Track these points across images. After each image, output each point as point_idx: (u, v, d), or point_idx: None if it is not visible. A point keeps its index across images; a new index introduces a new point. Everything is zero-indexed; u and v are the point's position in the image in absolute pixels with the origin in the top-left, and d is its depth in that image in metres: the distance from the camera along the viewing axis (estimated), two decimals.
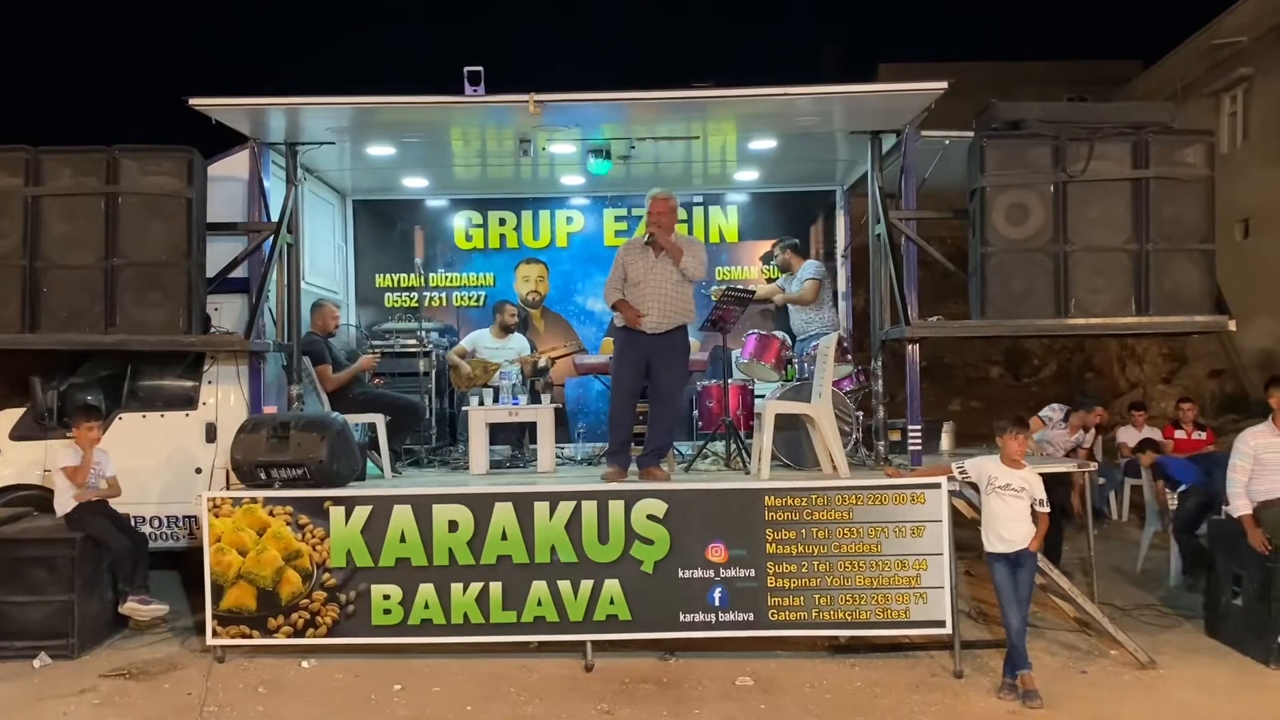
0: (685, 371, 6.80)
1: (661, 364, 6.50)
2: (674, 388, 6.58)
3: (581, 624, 5.94)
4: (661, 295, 6.47)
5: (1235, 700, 5.42)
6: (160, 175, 6.38)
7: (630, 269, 6.60)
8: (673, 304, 6.49)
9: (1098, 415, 8.60)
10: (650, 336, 6.49)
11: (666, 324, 6.48)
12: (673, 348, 6.53)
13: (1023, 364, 18.78)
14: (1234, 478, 6.09)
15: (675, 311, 6.51)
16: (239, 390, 7.18)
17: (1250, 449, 6.06)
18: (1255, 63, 16.47)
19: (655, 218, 6.57)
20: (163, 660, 6.15)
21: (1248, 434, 6.15)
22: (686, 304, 6.57)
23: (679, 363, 6.60)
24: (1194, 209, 6.22)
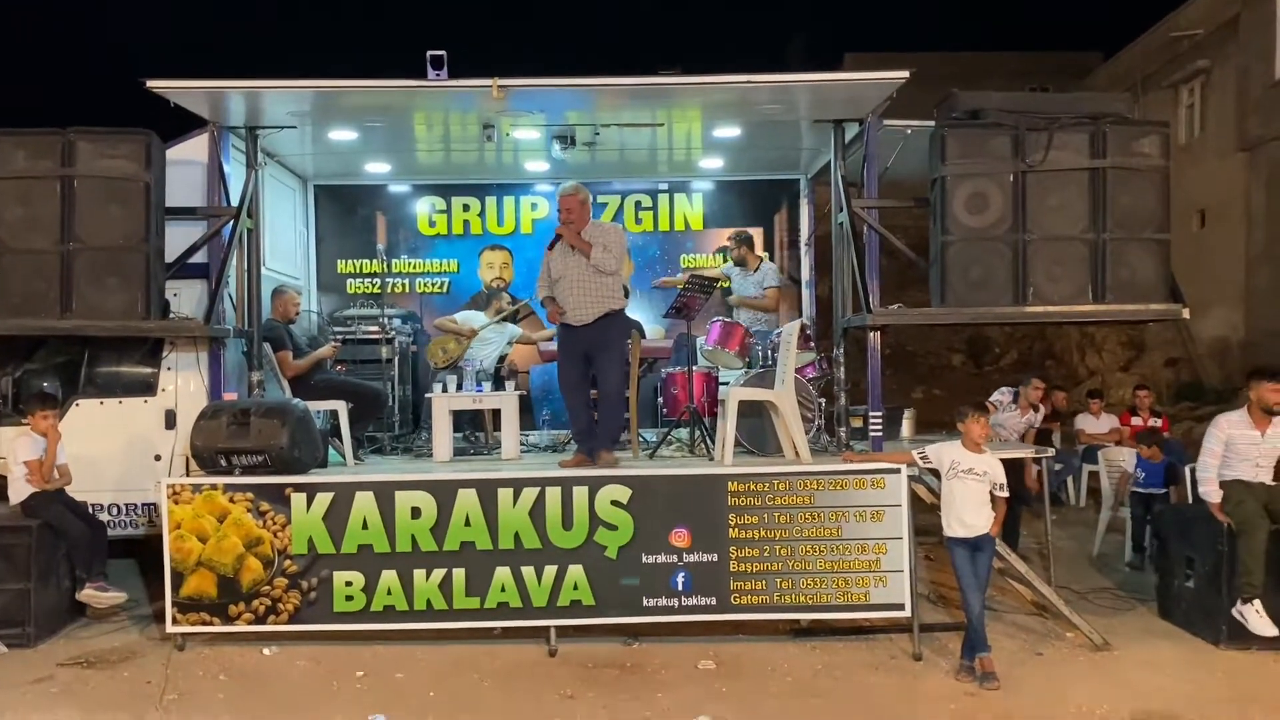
0: (622, 357, 6.81)
1: (596, 353, 6.56)
2: (612, 375, 6.61)
3: (545, 610, 5.95)
4: (578, 287, 6.50)
5: (1186, 680, 5.54)
6: (117, 158, 6.26)
7: (553, 265, 6.67)
8: (591, 295, 6.49)
9: (1036, 389, 8.70)
10: (581, 329, 6.53)
11: (590, 314, 6.50)
12: (604, 336, 6.56)
13: (985, 352, 19.01)
14: (1206, 462, 6.16)
15: (595, 301, 6.51)
16: (199, 376, 7.10)
17: (1224, 435, 6.13)
18: (1212, 55, 16.74)
19: (564, 215, 6.60)
20: (121, 649, 6.08)
21: (1222, 420, 6.23)
22: (608, 292, 6.55)
23: (613, 350, 6.64)
24: (1149, 199, 6.30)
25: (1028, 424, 8.53)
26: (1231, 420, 6.19)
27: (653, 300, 9.54)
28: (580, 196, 6.64)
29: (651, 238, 9.71)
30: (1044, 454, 7.30)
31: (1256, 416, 6.09)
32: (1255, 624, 5.81)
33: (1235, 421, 6.18)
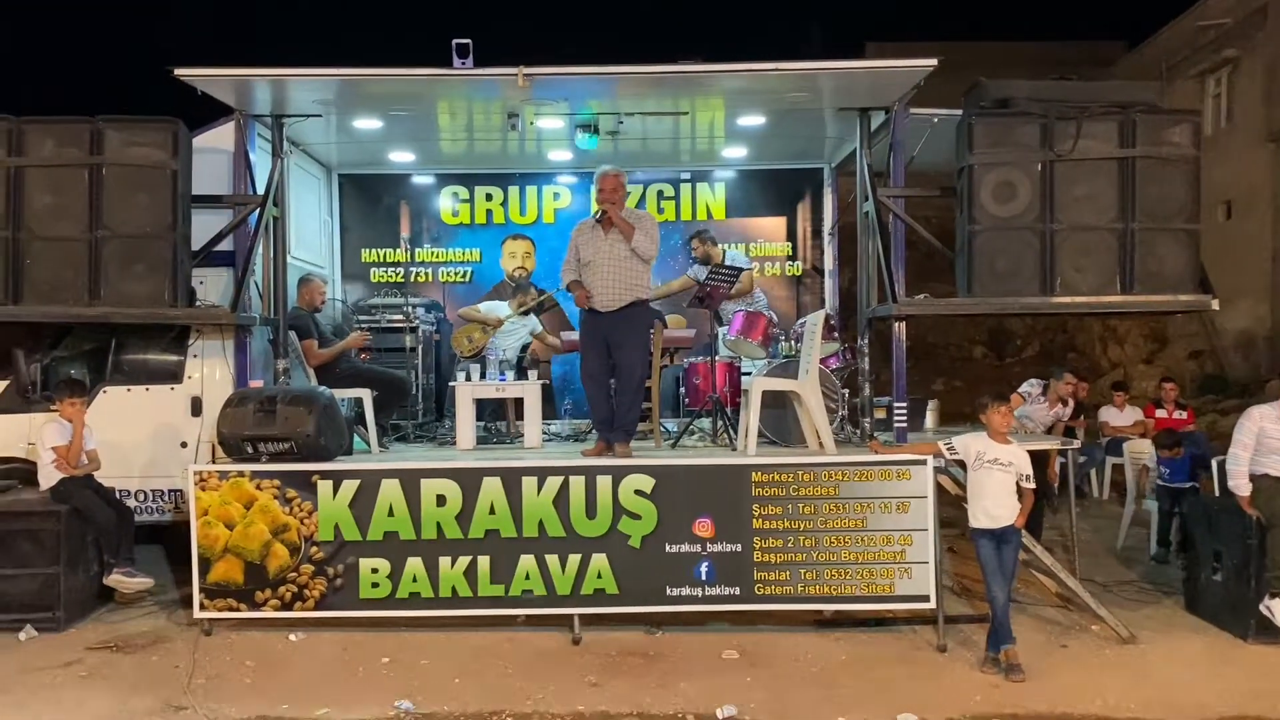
0: (645, 347, 6.77)
1: (619, 341, 6.52)
2: (632, 364, 6.56)
3: (569, 598, 5.97)
4: (611, 273, 6.47)
5: (1213, 674, 5.50)
6: (145, 146, 6.30)
7: (583, 249, 6.62)
8: (622, 281, 6.47)
9: (1067, 384, 8.62)
10: (605, 315, 6.50)
11: (618, 301, 6.47)
12: (628, 324, 6.53)
13: (1006, 344, 18.90)
14: (1237, 454, 6.08)
15: (626, 288, 6.48)
16: (225, 364, 7.15)
17: (1256, 427, 6.06)
18: (1239, 44, 16.54)
19: (607, 195, 6.53)
20: (149, 633, 6.14)
21: (1254, 412, 6.15)
22: (638, 280, 6.53)
23: (636, 339, 6.59)
24: (1179, 188, 6.24)
25: (1055, 418, 8.44)
26: (1264, 413, 6.13)
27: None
28: (622, 178, 6.61)
29: (674, 227, 9.67)
30: (1069, 446, 7.26)
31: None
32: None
33: (1267, 414, 6.11)
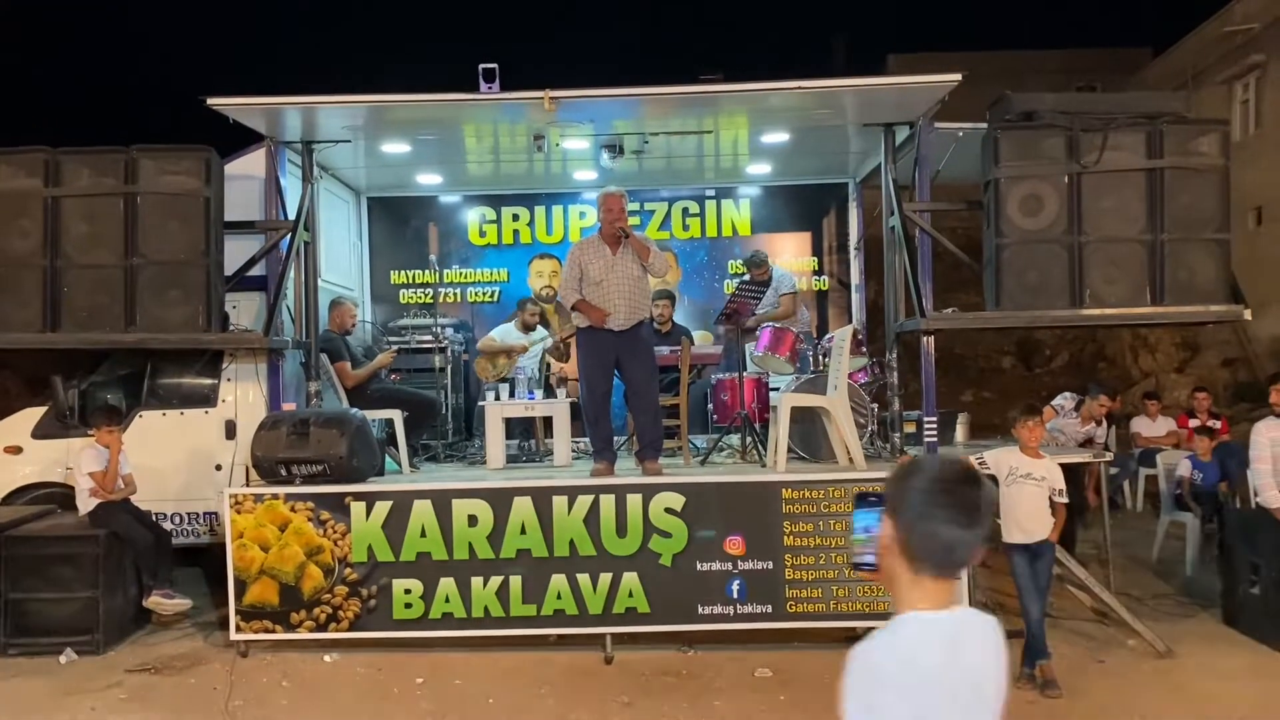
0: (654, 362, 6.82)
1: (630, 360, 6.53)
2: (647, 381, 6.61)
3: (601, 617, 5.99)
4: (626, 292, 6.49)
5: (1253, 688, 5.44)
6: (178, 174, 6.42)
7: (589, 268, 6.58)
8: (636, 300, 6.52)
9: (1101, 406, 8.53)
10: (616, 335, 6.51)
11: (632, 320, 6.50)
12: (639, 342, 6.57)
13: (1035, 354, 18.74)
14: (1260, 469, 6.08)
15: (638, 308, 6.54)
16: (258, 387, 7.23)
17: (1266, 441, 6.05)
18: (1267, 49, 16.39)
19: (616, 215, 6.53)
20: (187, 655, 6.21)
21: (1261, 426, 6.14)
22: (647, 299, 6.65)
23: (646, 356, 6.65)
24: (1209, 198, 6.21)
25: (1087, 435, 8.32)
26: (1270, 425, 6.10)
27: (701, 307, 9.54)
28: (624, 200, 6.66)
29: (699, 244, 9.72)
30: (1102, 458, 7.21)
31: None
32: None
33: (1274, 426, 6.08)
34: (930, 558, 1.87)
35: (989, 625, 1.94)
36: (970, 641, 1.89)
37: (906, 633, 1.88)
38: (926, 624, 1.86)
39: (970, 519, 1.88)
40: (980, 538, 1.90)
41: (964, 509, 1.87)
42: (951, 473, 1.91)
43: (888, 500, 1.96)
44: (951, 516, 1.86)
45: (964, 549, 1.88)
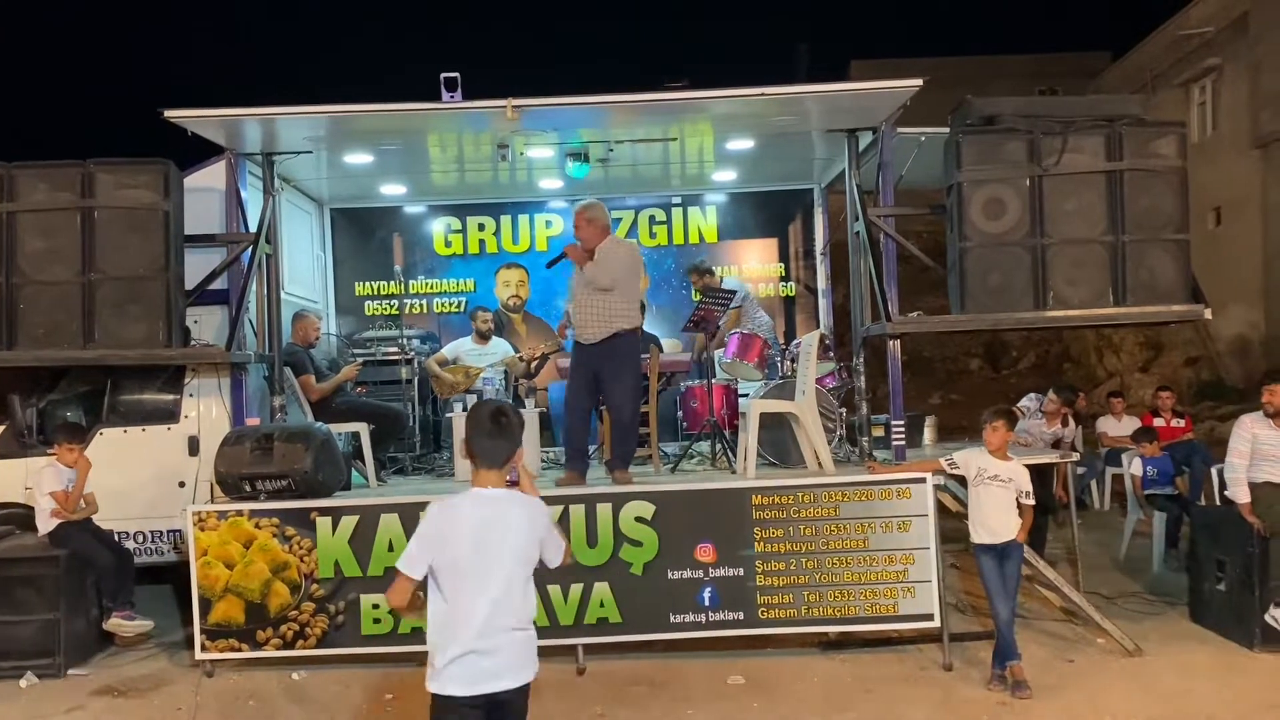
0: (633, 378, 6.62)
1: (604, 373, 6.47)
2: (621, 394, 6.49)
3: (572, 628, 5.95)
4: (586, 305, 6.45)
5: (1220, 684, 5.49)
6: (136, 188, 6.31)
7: (572, 283, 6.68)
8: (597, 313, 6.41)
9: (1050, 402, 8.49)
10: (590, 347, 6.48)
11: (598, 333, 6.42)
12: (614, 355, 6.44)
13: (1002, 356, 18.92)
14: (1234, 463, 6.13)
15: (601, 320, 6.41)
16: (221, 403, 7.14)
17: (1249, 434, 6.11)
18: (1223, 52, 16.69)
19: (576, 231, 6.62)
20: (151, 676, 6.11)
21: (1246, 419, 6.20)
22: (617, 311, 6.42)
23: (621, 369, 6.48)
24: (1168, 199, 6.27)
25: (1055, 436, 8.33)
26: (1256, 420, 6.15)
27: (669, 314, 9.54)
28: (587, 215, 6.60)
29: (666, 251, 9.72)
30: (1069, 458, 7.26)
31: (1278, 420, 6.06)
32: None
33: (1259, 421, 6.14)
34: (477, 456, 3.26)
35: (520, 500, 3.31)
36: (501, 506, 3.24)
37: (467, 499, 3.25)
38: (477, 495, 3.25)
39: (494, 434, 3.25)
40: (506, 447, 3.26)
41: (491, 429, 3.25)
42: (485, 410, 3.33)
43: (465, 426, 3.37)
44: (484, 433, 3.25)
45: (496, 452, 3.26)
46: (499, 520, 3.20)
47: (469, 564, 3.15)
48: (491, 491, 3.24)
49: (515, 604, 3.21)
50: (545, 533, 3.32)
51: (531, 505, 3.31)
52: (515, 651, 3.22)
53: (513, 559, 3.19)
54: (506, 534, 3.20)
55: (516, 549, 3.21)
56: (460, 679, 3.16)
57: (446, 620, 3.18)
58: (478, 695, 3.17)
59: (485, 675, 3.17)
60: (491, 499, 3.23)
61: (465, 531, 3.17)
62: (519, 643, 3.23)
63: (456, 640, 3.14)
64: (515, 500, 3.28)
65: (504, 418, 3.27)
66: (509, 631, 3.19)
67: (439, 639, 3.20)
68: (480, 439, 3.25)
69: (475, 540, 3.16)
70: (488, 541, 3.17)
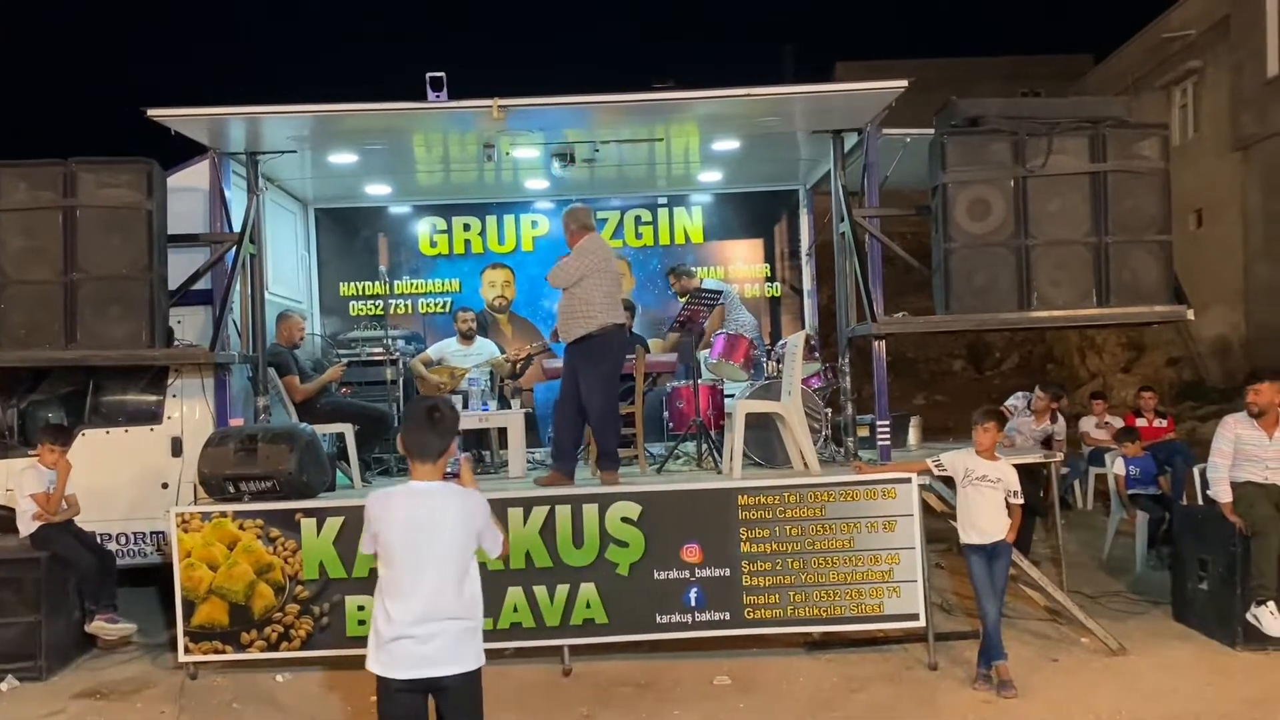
0: (602, 377, 6.51)
1: (579, 370, 6.49)
2: (589, 389, 6.46)
3: (558, 629, 5.94)
4: (562, 305, 6.52)
5: (1203, 683, 5.53)
6: (119, 188, 6.25)
7: None
8: (571, 313, 6.44)
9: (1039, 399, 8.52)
10: (569, 346, 6.53)
11: (568, 334, 6.47)
12: (582, 357, 6.46)
13: (985, 357, 19.01)
14: (1216, 462, 6.17)
15: (566, 321, 6.46)
16: (204, 403, 7.09)
17: (1232, 434, 6.13)
18: (1204, 55, 16.80)
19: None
20: (134, 679, 6.07)
21: (1230, 419, 6.22)
22: (579, 311, 6.39)
23: (590, 366, 6.45)
24: (1151, 201, 6.31)
25: (1044, 432, 8.34)
26: (1240, 420, 6.19)
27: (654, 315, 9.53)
28: (563, 219, 6.73)
29: (652, 252, 9.71)
30: (1052, 459, 7.29)
31: (1262, 420, 6.09)
32: (1269, 625, 5.79)
33: (1242, 421, 6.18)
34: (411, 450, 3.40)
35: (456, 492, 3.43)
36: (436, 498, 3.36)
37: (403, 490, 3.40)
38: (413, 488, 3.39)
39: (427, 429, 3.38)
40: (438, 442, 3.38)
41: (424, 424, 3.38)
42: (420, 406, 3.49)
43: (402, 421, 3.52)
44: (417, 428, 3.39)
45: (429, 446, 3.38)
46: (433, 512, 3.35)
47: (402, 554, 3.31)
48: (426, 485, 3.39)
49: (452, 594, 3.34)
50: (482, 524, 3.45)
51: (468, 497, 3.44)
52: (452, 640, 3.33)
53: (447, 550, 3.34)
54: (441, 526, 3.34)
55: (451, 540, 3.35)
56: (393, 662, 3.32)
57: (385, 605, 3.34)
58: (412, 679, 3.31)
59: (420, 661, 3.31)
60: (426, 492, 3.37)
61: (398, 523, 3.33)
62: (457, 632, 3.35)
63: (392, 624, 3.30)
64: (451, 493, 3.41)
65: (437, 413, 3.41)
66: (445, 620, 3.33)
67: (378, 621, 3.37)
68: (413, 434, 3.40)
69: (408, 531, 3.32)
70: (421, 533, 3.32)
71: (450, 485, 3.44)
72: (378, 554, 3.41)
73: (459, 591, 3.36)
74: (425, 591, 3.30)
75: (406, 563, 3.31)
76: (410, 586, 3.31)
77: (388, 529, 3.34)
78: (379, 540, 3.37)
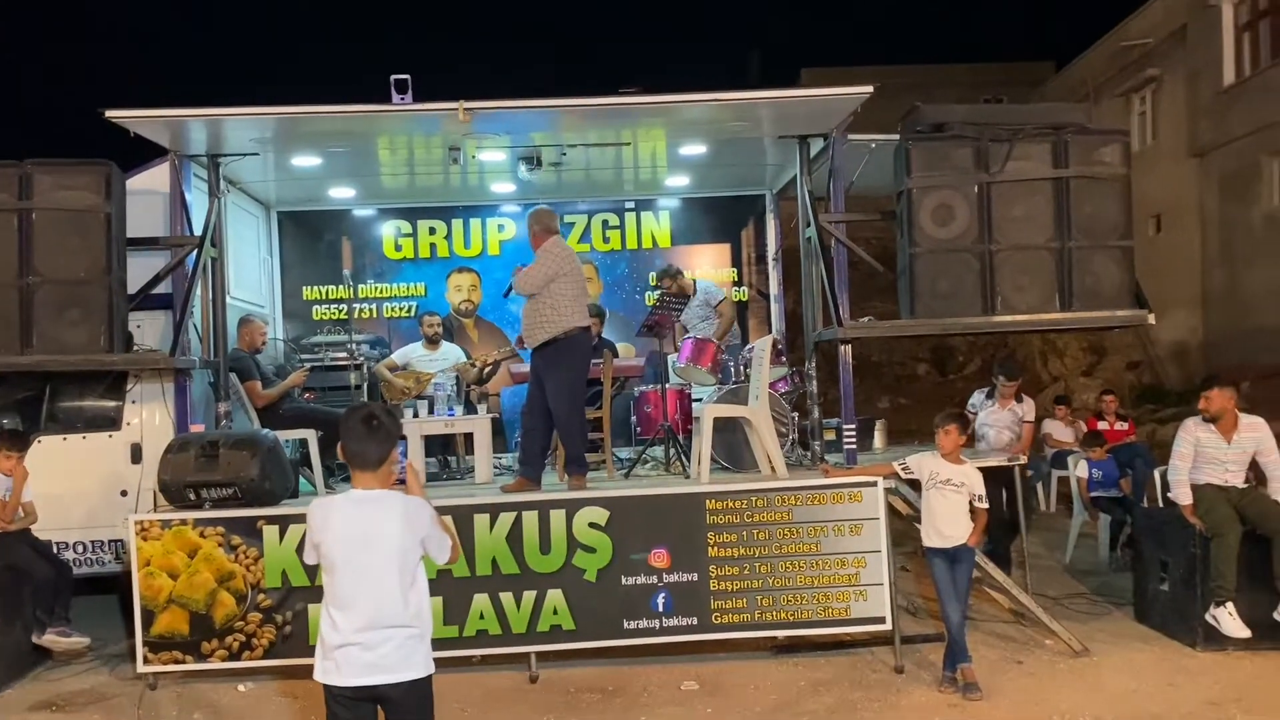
0: (566, 382, 6.47)
1: (544, 378, 6.48)
2: (554, 398, 6.43)
3: (525, 636, 5.89)
4: (527, 309, 6.50)
5: (1165, 684, 5.58)
6: (77, 190, 6.14)
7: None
8: (535, 318, 6.42)
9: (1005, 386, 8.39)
10: (534, 351, 6.51)
11: (533, 339, 6.45)
12: (546, 362, 6.44)
13: (949, 360, 19.17)
14: (1177, 465, 6.24)
15: (537, 325, 6.41)
16: (164, 409, 6.98)
17: (1192, 437, 6.21)
18: (1162, 63, 17.08)
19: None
20: (91, 691, 5.95)
21: (1190, 423, 6.30)
22: (546, 316, 6.37)
23: (555, 373, 6.42)
24: (1112, 207, 6.38)
25: (1013, 416, 8.03)
26: (1199, 424, 6.27)
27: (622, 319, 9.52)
28: (528, 220, 6.71)
29: (620, 256, 9.70)
30: (1016, 462, 7.35)
31: (1219, 424, 6.18)
32: (1228, 626, 5.87)
33: (1202, 425, 6.25)
34: (350, 459, 3.35)
35: (399, 499, 3.36)
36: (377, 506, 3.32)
37: (344, 499, 3.36)
38: (354, 496, 3.34)
39: (365, 437, 3.32)
40: (378, 450, 3.33)
41: (362, 432, 3.31)
42: (358, 414, 3.37)
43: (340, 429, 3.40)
44: (355, 436, 3.32)
45: (368, 454, 3.33)
46: (374, 520, 3.31)
47: (344, 563, 3.28)
48: (368, 492, 3.35)
49: (398, 603, 3.30)
50: (427, 531, 3.39)
51: (410, 505, 3.38)
52: (399, 647, 3.30)
53: (389, 558, 3.29)
54: (382, 534, 3.30)
55: (393, 548, 3.30)
56: (339, 670, 3.29)
57: (331, 614, 3.32)
58: (357, 686, 3.30)
59: (366, 668, 3.28)
60: (368, 499, 3.34)
61: (338, 532, 3.30)
62: (402, 640, 3.32)
63: (338, 632, 3.29)
64: (394, 500, 3.36)
65: (375, 420, 3.36)
66: (390, 628, 3.29)
67: (324, 630, 3.35)
68: (352, 442, 3.35)
69: (349, 539, 3.29)
70: (363, 540, 3.29)
71: (392, 493, 3.39)
72: (321, 564, 3.37)
73: (404, 600, 3.32)
74: (369, 600, 3.27)
75: (349, 572, 3.29)
76: (354, 595, 3.28)
77: (329, 538, 3.31)
78: (320, 550, 3.34)
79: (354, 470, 3.37)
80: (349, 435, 3.36)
